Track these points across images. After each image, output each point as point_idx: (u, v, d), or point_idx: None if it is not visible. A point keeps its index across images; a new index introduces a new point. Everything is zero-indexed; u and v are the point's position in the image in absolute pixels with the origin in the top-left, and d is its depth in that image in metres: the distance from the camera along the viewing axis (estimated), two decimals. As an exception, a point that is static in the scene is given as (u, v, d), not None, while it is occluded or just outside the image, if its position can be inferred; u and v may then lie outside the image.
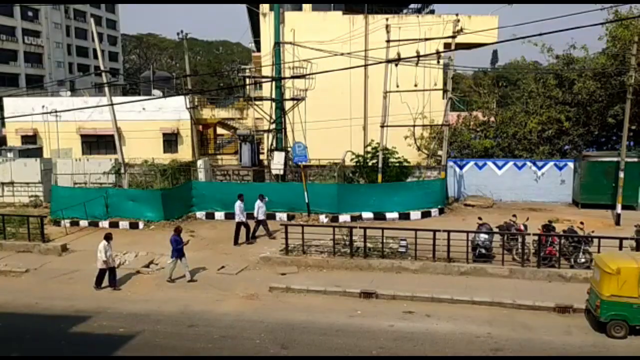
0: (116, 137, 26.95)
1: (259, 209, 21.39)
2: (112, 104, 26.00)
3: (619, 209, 22.63)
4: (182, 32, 35.56)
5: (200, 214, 25.42)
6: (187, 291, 15.99)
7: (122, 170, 27.36)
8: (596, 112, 27.54)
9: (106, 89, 27.71)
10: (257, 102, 29.84)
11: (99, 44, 30.18)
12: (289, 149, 27.20)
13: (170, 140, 35.87)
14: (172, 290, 16.10)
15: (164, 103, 33.91)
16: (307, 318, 13.90)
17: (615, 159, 23.86)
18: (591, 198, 25.18)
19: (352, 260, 17.78)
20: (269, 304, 15.09)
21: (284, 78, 27.05)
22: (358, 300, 15.14)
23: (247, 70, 33.05)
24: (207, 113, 39.07)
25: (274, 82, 27.53)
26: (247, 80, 30.13)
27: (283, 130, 27.71)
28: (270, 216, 24.50)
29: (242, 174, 30.76)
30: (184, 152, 35.13)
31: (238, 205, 21.24)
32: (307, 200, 24.42)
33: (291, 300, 15.33)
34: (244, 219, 21.18)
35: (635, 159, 24.72)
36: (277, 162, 27.34)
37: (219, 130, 46.81)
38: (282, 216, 24.56)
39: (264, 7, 32.38)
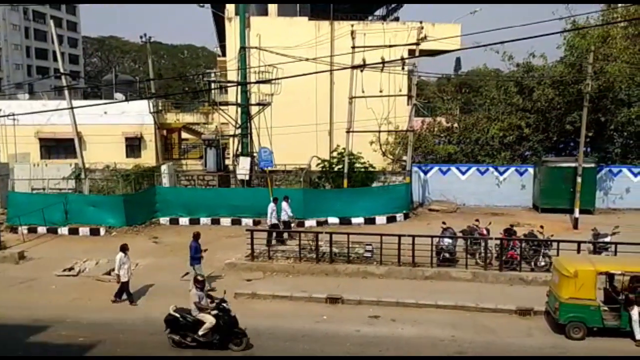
0: (76, 142, 26.31)
1: (284, 211, 20.99)
2: (72, 108, 25.39)
3: (576, 213, 23.28)
4: (145, 35, 35.09)
5: (164, 220, 25.01)
6: (150, 299, 15.67)
7: (83, 176, 26.71)
8: (555, 118, 28.31)
9: (66, 92, 27.05)
10: (222, 107, 29.60)
11: (59, 46, 29.45)
12: (255, 154, 27.06)
13: (133, 145, 35.19)
14: (134, 298, 15.75)
15: (127, 107, 33.27)
16: (273, 324, 13.80)
17: (572, 165, 24.55)
18: (550, 202, 25.83)
19: (318, 265, 17.77)
20: (234, 310, 14.89)
21: (250, 83, 26.93)
22: (324, 306, 15.12)
23: (213, 75, 32.64)
24: (171, 117, 38.53)
25: (239, 87, 27.36)
26: (213, 85, 29.83)
27: (249, 135, 27.56)
28: (236, 221, 24.33)
29: (207, 179, 30.43)
30: (148, 157, 34.51)
31: (271, 207, 20.82)
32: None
33: (257, 306, 15.20)
34: (275, 221, 20.79)
35: (592, 165, 25.50)
36: (243, 167, 27.13)
37: (184, 135, 46.20)
38: (247, 221, 24.38)
39: (230, 12, 32.21)
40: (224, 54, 37.83)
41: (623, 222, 20.48)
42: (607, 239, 17.09)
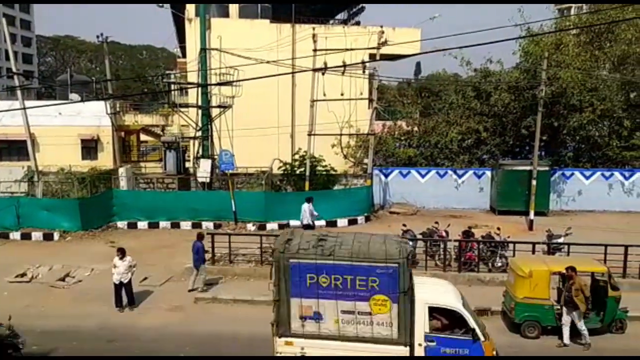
0: (29, 143, 25.50)
1: (307, 213, 20.90)
2: (24, 108, 24.57)
3: (531, 215, 23.94)
4: (102, 34, 34.18)
5: (121, 224, 24.47)
6: (106, 305, 15.27)
7: (36, 178, 25.86)
8: (511, 123, 29.04)
9: (19, 92, 26.17)
10: (182, 109, 29.20)
11: (12, 45, 28.38)
12: (216, 156, 26.78)
13: (90, 147, 34.27)
14: (90, 305, 15.33)
15: (83, 108, 32.35)
16: (234, 329, 13.66)
17: (528, 168, 25.23)
18: (507, 205, 26.45)
19: (280, 268, 17.66)
20: (194, 315, 14.72)
21: (211, 85, 26.65)
22: (285, 309, 15.03)
23: (173, 76, 32.16)
24: (129, 119, 37.70)
25: (200, 89, 27.05)
26: (173, 86, 29.39)
27: (210, 137, 27.25)
28: (197, 225, 24.01)
29: (166, 182, 29.93)
30: (105, 160, 33.66)
31: (307, 207, 20.85)
32: (234, 209, 24.12)
33: (218, 311, 15.03)
34: (310, 222, 20.82)
35: (546, 168, 26.27)
36: (204, 170, 26.82)
37: (143, 137, 45.28)
38: (208, 225, 24.10)
39: (190, 13, 31.81)
40: (184, 55, 37.34)
41: (575, 224, 21.19)
42: (560, 240, 17.62)
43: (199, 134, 27.58)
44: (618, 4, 27.55)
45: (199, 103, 27.28)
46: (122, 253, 15.16)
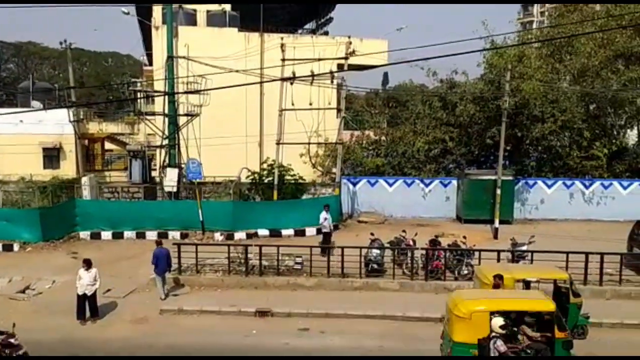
0: (-12, 152, 24.73)
1: (325, 221, 21.01)
2: (-16, 116, 23.84)
3: (496, 224, 24.36)
4: (65, 41, 33.53)
5: (84, 234, 23.90)
6: (68, 318, 14.85)
7: (-5, 188, 25.06)
8: (476, 133, 29.57)
9: (-23, 99, 25.40)
10: (149, 117, 28.79)
11: (-30, 50, 27.56)
12: (183, 165, 26.48)
13: (52, 156, 33.41)
14: (52, 318, 14.89)
15: (45, 115, 31.55)
16: (200, 340, 13.47)
17: (492, 177, 25.67)
18: (472, 214, 26.84)
19: (248, 278, 17.56)
20: (159, 327, 14.45)
21: (178, 93, 26.38)
22: (253, 320, 14.94)
23: (139, 84, 31.72)
24: (94, 127, 37.06)
25: (167, 97, 26.74)
26: (139, 94, 28.97)
27: (177, 146, 26.94)
28: (163, 235, 23.63)
29: (132, 192, 29.37)
30: (67, 169, 32.84)
31: (325, 215, 21.03)
32: (201, 218, 23.85)
33: (184, 322, 14.79)
34: (326, 230, 20.96)
35: (510, 177, 26.81)
36: (170, 179, 26.46)
37: (108, 146, 44.44)
38: (175, 234, 23.76)
39: (157, 20, 31.52)
40: (150, 63, 36.88)
41: (538, 232, 21.65)
42: (524, 248, 17.97)
43: (166, 142, 27.23)
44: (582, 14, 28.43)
45: (166, 111, 26.95)
46: (87, 264, 14.83)
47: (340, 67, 28.15)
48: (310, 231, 24.61)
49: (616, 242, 19.88)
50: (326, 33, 40.17)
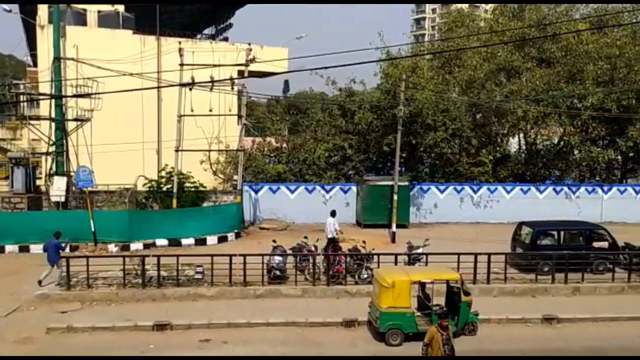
0: None
1: (332, 226, 20.97)
2: None
3: (394, 228, 25.26)
4: None
5: (-43, 250, 21.72)
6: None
7: None
8: (374, 140, 30.51)
9: None
10: (33, 122, 26.79)
11: None
12: (72, 173, 24.91)
13: None
14: None
15: None
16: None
17: (390, 183, 26.61)
18: (371, 219, 27.62)
19: (145, 290, 16.83)
20: (46, 347, 13.42)
21: (66, 96, 24.79)
22: (151, 334, 14.32)
23: (22, 86, 29.46)
24: (-32, 132, 33.89)
25: (54, 101, 25.05)
26: (22, 97, 26.90)
27: (65, 153, 25.31)
28: (50, 248, 22.03)
29: (14, 202, 27.08)
30: (-63, 177, 29.83)
31: (332, 221, 21.06)
32: (93, 229, 22.53)
33: (73, 340, 13.85)
34: (332, 235, 20.91)
35: (406, 183, 27.92)
36: (58, 188, 24.75)
37: (-14, 152, 40.86)
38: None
39: (42, 19, 29.57)
40: (35, 64, 34.50)
41: (432, 235, 22.77)
42: (420, 251, 18.78)
43: (53, 149, 25.50)
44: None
45: (53, 116, 25.26)
46: None
47: (240, 74, 27.96)
48: (212, 240, 24.11)
49: (501, 242, 21.36)
50: (226, 39, 39.81)
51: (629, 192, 30.86)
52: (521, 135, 33.03)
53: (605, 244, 19.86)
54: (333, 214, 21.81)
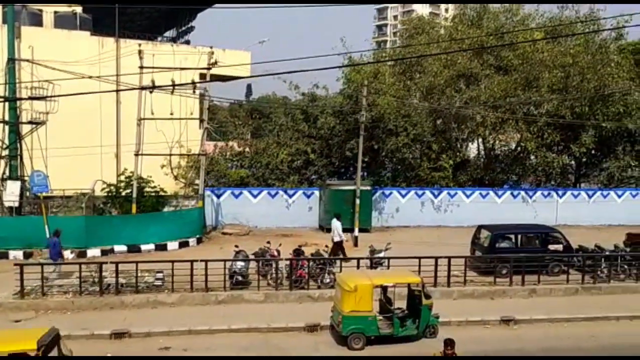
0: None
1: (339, 229, 21.17)
2: None
3: (356, 232, 25.41)
4: None
5: None
6: None
7: None
8: (336, 145, 30.64)
9: None
10: (-16, 124, 25.84)
11: None
12: (26, 178, 24.15)
13: None
14: None
15: None
16: (47, 370, 12.24)
17: (352, 187, 26.77)
18: (334, 223, 27.69)
19: (102, 298, 16.44)
20: (-3, 359, 12.91)
21: (20, 99, 24.06)
22: (109, 342, 14.01)
23: (-27, 87, 28.42)
24: None
25: (7, 103, 24.27)
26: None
27: (19, 156, 24.53)
28: (2, 255, 21.35)
29: (-36, 208, 26.10)
30: None
31: (338, 224, 21.27)
32: (48, 235, 21.83)
33: (27, 351, 13.36)
34: (338, 239, 21.11)
35: (368, 187, 28.14)
36: (11, 193, 23.97)
37: None
38: (16, 254, 21.56)
39: (-5, 18, 28.61)
40: (-13, 65, 33.28)
41: (394, 239, 22.98)
42: (382, 255, 18.94)
43: (6, 152, 24.68)
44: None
45: (6, 118, 24.47)
46: None
47: (202, 77, 27.65)
48: (172, 245, 23.76)
49: (462, 246, 21.76)
50: (188, 42, 39.43)
51: (582, 196, 31.93)
52: (480, 140, 33.74)
53: (560, 247, 20.46)
54: (338, 217, 21.90)
